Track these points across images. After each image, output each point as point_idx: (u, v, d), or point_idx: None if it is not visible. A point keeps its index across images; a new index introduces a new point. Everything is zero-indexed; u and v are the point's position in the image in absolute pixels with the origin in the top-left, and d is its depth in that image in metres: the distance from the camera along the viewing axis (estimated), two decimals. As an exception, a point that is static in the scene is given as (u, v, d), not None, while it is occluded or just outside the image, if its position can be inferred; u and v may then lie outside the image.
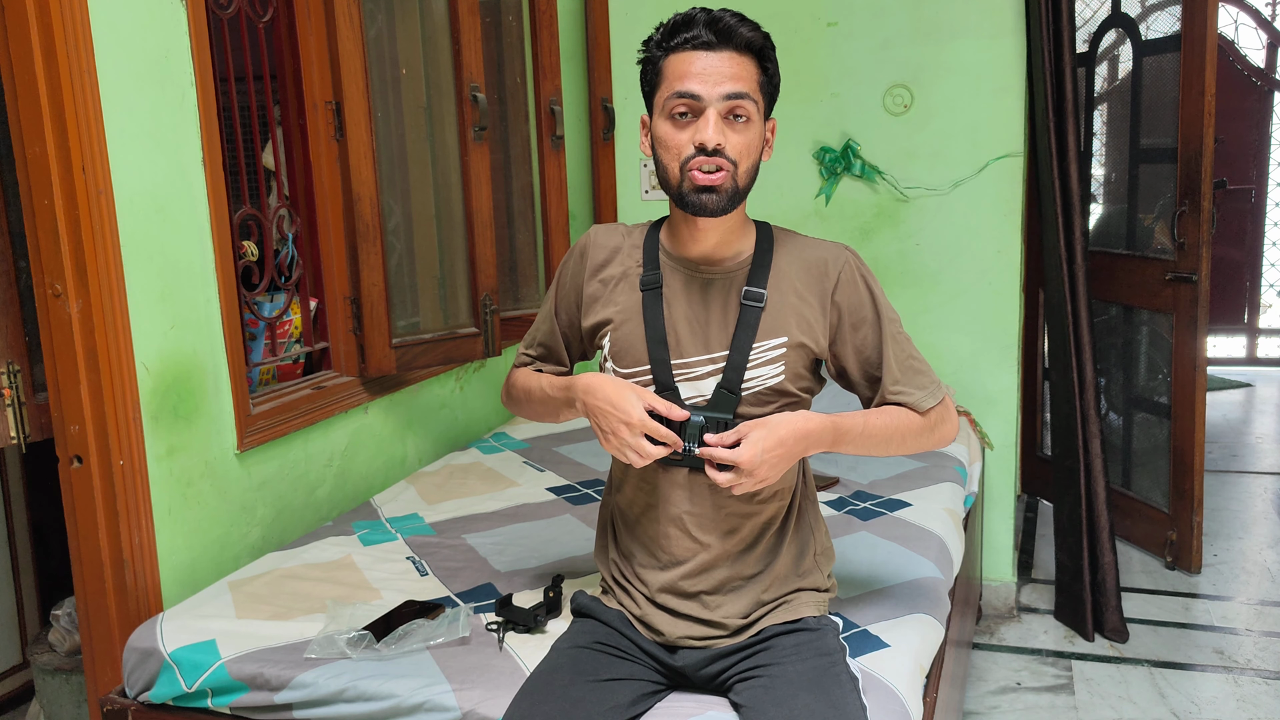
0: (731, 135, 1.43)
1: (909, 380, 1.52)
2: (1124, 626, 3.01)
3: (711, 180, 1.42)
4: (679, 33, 1.43)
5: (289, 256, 2.44)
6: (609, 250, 1.59)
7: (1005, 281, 3.05)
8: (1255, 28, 6.05)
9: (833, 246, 1.55)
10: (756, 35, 1.44)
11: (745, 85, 1.42)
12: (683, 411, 1.44)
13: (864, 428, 1.50)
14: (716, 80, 1.41)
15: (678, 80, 1.43)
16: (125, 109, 1.79)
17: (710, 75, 1.41)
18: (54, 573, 2.80)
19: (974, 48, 2.98)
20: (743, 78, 1.42)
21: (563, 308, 1.64)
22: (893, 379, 1.51)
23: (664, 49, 1.45)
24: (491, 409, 3.15)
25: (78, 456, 1.79)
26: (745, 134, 1.44)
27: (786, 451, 1.42)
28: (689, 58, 1.42)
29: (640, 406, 1.43)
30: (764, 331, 1.49)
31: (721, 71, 1.41)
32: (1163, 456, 3.51)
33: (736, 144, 1.43)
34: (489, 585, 1.92)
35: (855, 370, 1.54)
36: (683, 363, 1.51)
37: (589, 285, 1.59)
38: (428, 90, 2.51)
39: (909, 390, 1.52)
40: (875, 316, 1.52)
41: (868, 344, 1.52)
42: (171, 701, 1.66)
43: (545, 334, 1.68)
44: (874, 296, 1.53)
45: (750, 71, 1.44)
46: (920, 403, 1.52)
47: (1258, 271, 6.32)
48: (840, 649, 1.52)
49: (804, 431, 1.43)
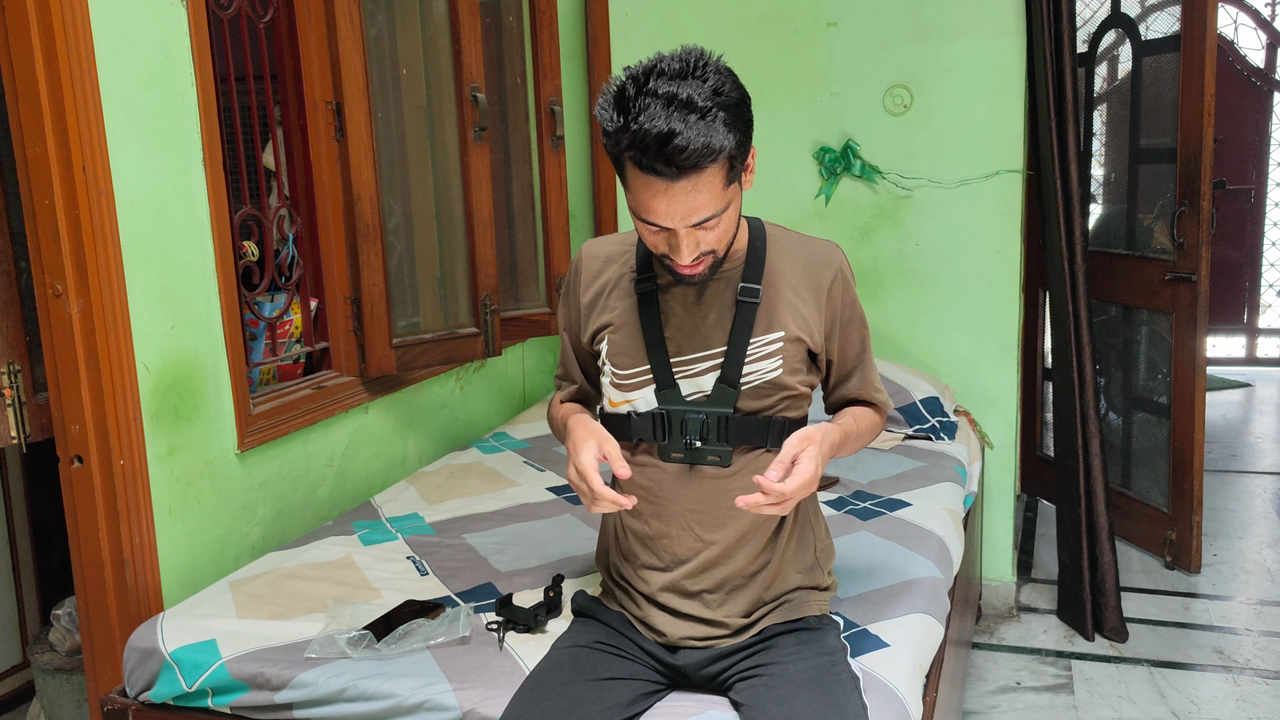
0: (705, 235, 1.38)
1: (877, 383, 1.63)
2: (1123, 626, 3.02)
3: (693, 271, 1.42)
4: (634, 147, 1.28)
5: (289, 256, 2.44)
6: (601, 260, 1.60)
7: (1005, 281, 3.05)
8: (1255, 28, 6.05)
9: (825, 244, 1.58)
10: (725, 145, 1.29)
11: (712, 206, 1.33)
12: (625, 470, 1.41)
13: (856, 434, 1.57)
14: (682, 215, 1.33)
15: (640, 206, 1.35)
16: (125, 109, 1.80)
17: (674, 212, 1.32)
18: (54, 573, 2.80)
19: (974, 48, 2.98)
20: (709, 200, 1.32)
21: (570, 325, 1.66)
22: (872, 374, 1.61)
23: (620, 149, 1.31)
24: (491, 409, 3.15)
25: (78, 456, 1.79)
26: (720, 227, 1.38)
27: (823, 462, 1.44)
28: (648, 188, 1.31)
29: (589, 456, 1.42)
30: (760, 326, 1.50)
31: (685, 206, 1.32)
32: (1162, 456, 3.51)
33: (712, 239, 1.39)
34: (489, 585, 1.92)
35: (836, 364, 1.60)
36: (681, 360, 1.51)
37: (585, 296, 1.60)
38: (428, 90, 2.51)
39: (879, 388, 1.63)
40: (859, 317, 1.59)
41: (850, 341, 1.58)
42: (172, 701, 1.66)
43: (564, 354, 1.70)
44: (855, 296, 1.59)
45: (715, 180, 1.32)
46: (887, 402, 1.64)
47: (1257, 271, 6.32)
48: (842, 648, 1.52)
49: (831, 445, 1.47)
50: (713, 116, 1.27)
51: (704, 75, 1.30)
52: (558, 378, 1.74)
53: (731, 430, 1.50)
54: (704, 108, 1.27)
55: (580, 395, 1.71)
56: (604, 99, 1.33)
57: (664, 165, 1.28)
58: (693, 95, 1.27)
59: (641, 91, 1.28)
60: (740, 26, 3.13)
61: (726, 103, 1.30)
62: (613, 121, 1.30)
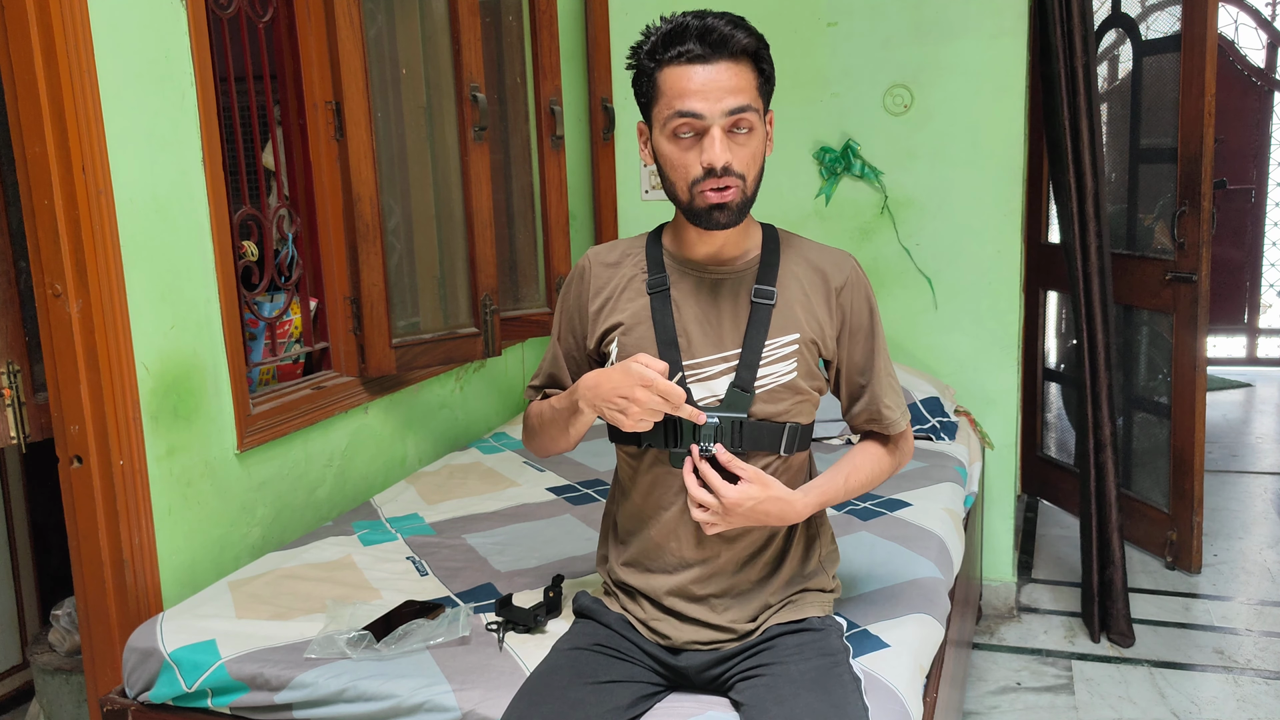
0: (737, 149, 1.41)
1: (891, 398, 1.57)
2: (1130, 630, 2.99)
3: (723, 198, 1.42)
4: (671, 45, 1.39)
5: (289, 256, 2.44)
6: (609, 266, 1.58)
7: (1005, 281, 3.05)
8: (1255, 28, 6.05)
9: (838, 252, 1.58)
10: (751, 39, 1.41)
11: (746, 96, 1.40)
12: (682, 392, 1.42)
13: (845, 491, 1.55)
14: (717, 96, 1.38)
15: (676, 98, 1.40)
16: (125, 109, 1.80)
17: (710, 91, 1.38)
18: (54, 573, 2.80)
19: (974, 47, 2.98)
20: (742, 89, 1.40)
21: (566, 332, 1.63)
22: (881, 389, 1.56)
23: (656, 61, 1.42)
24: (491, 409, 3.15)
25: (78, 456, 1.79)
26: (750, 145, 1.43)
27: (764, 516, 1.45)
28: (684, 73, 1.39)
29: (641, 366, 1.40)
30: (776, 329, 1.49)
31: (721, 85, 1.38)
32: (1163, 456, 3.51)
33: (743, 157, 1.42)
34: (489, 585, 1.92)
35: (844, 375, 1.57)
36: (694, 363, 1.50)
37: (593, 303, 1.58)
38: (428, 90, 2.51)
39: (891, 406, 1.57)
40: (871, 327, 1.56)
41: (860, 351, 1.55)
42: (171, 701, 1.66)
43: (549, 363, 1.66)
44: (872, 308, 1.57)
45: (748, 79, 1.41)
46: (896, 422, 1.57)
47: (1258, 271, 6.32)
48: (844, 650, 1.52)
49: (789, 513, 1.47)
50: (743, 27, 1.41)
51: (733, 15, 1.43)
52: (533, 387, 1.68)
53: (745, 436, 1.48)
54: (737, 20, 1.42)
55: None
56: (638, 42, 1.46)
57: (700, 44, 1.38)
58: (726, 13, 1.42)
59: (677, 16, 1.42)
60: (740, 26, 3.13)
61: (753, 30, 1.43)
62: (650, 40, 1.43)
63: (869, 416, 1.58)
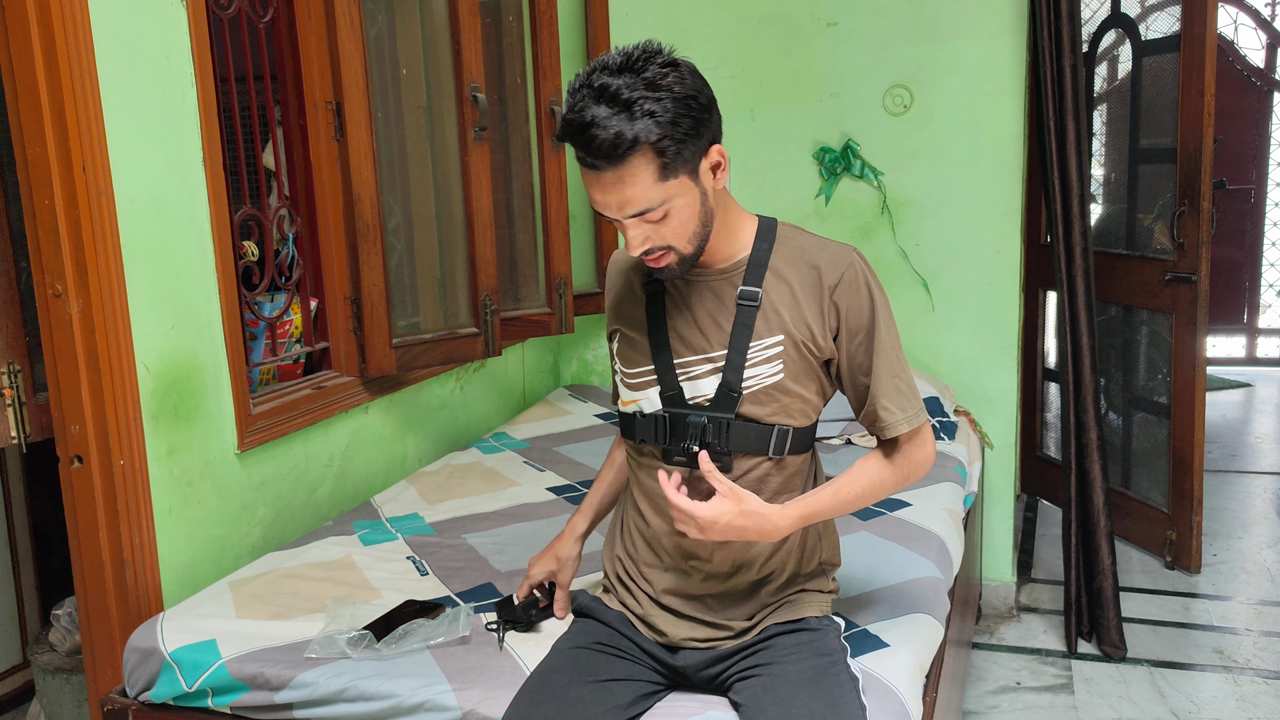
0: (656, 228, 1.38)
1: (891, 398, 1.49)
2: (1122, 641, 2.95)
3: (658, 264, 1.43)
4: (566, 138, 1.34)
5: (289, 256, 2.44)
6: (621, 272, 1.62)
7: (1005, 281, 3.05)
8: (1255, 28, 6.05)
9: (839, 247, 1.51)
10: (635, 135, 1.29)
11: (642, 201, 1.33)
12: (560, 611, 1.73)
13: (836, 505, 1.49)
14: (617, 205, 1.34)
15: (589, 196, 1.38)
16: (125, 109, 1.80)
17: (608, 201, 1.34)
18: (54, 572, 2.80)
19: (974, 48, 2.98)
20: (637, 196, 1.33)
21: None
22: (881, 389, 1.48)
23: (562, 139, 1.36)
24: (491, 409, 3.15)
25: (78, 456, 1.79)
26: (670, 223, 1.38)
27: (741, 531, 1.42)
28: (585, 175, 1.35)
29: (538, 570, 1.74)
30: (760, 330, 1.48)
31: (616, 196, 1.33)
32: (1162, 456, 3.51)
33: (665, 233, 1.39)
34: (489, 585, 1.92)
35: (846, 375, 1.51)
36: (684, 363, 1.51)
37: (610, 310, 1.63)
38: (428, 90, 2.51)
39: (890, 408, 1.48)
40: (872, 324, 1.48)
41: (860, 350, 1.49)
42: (172, 701, 1.66)
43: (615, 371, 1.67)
44: (874, 304, 1.49)
45: (644, 176, 1.32)
46: (895, 425, 1.49)
47: (1257, 271, 6.32)
48: (841, 649, 1.52)
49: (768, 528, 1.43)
50: (637, 108, 1.29)
51: (644, 69, 1.31)
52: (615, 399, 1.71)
53: (732, 436, 1.48)
54: (628, 99, 1.29)
55: None
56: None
57: (585, 154, 1.32)
58: (621, 87, 1.29)
59: (582, 85, 1.33)
60: (740, 26, 3.13)
61: (662, 96, 1.30)
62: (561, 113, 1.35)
63: (870, 419, 1.52)
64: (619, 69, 1.32)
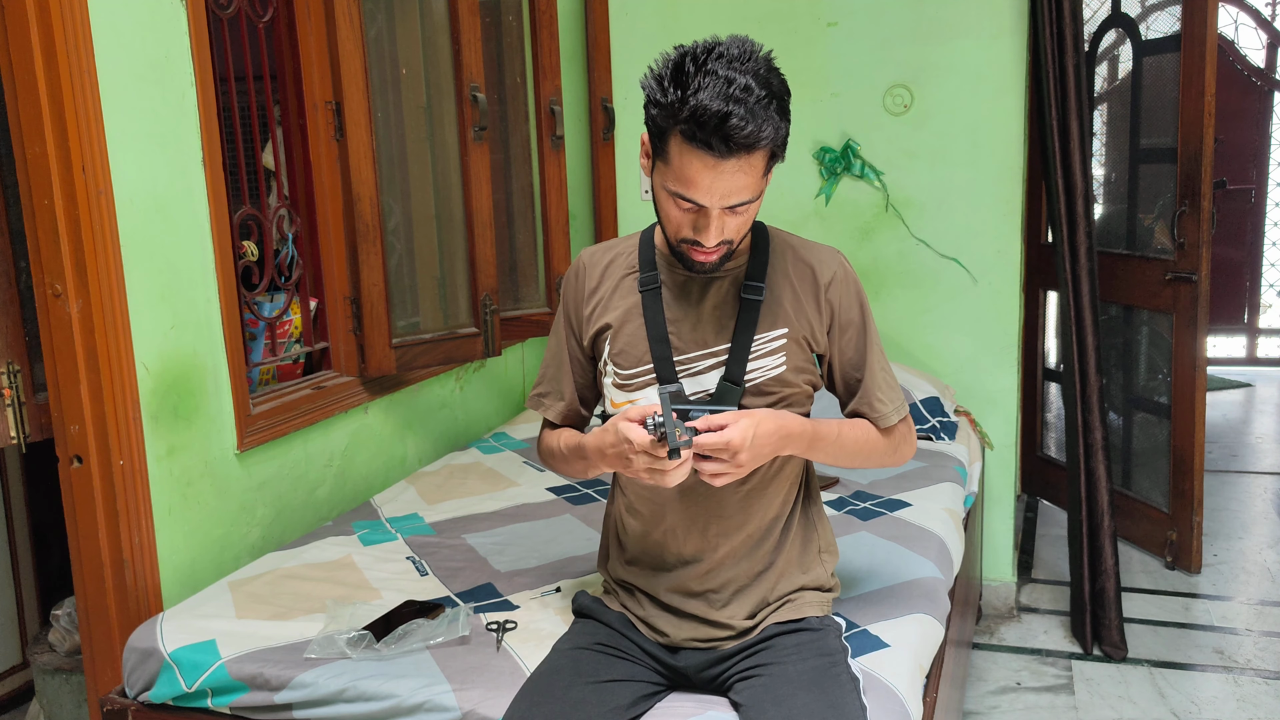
0: (731, 220, 1.39)
1: (884, 391, 1.57)
2: (1123, 641, 2.95)
3: (708, 258, 1.43)
4: (688, 121, 1.30)
5: (289, 256, 2.44)
6: (602, 265, 1.60)
7: (1005, 281, 3.05)
8: (1255, 28, 6.05)
9: (826, 248, 1.59)
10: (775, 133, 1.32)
11: (750, 191, 1.36)
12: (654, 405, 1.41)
13: (838, 436, 1.53)
14: (722, 194, 1.34)
15: (681, 181, 1.35)
16: (125, 109, 1.80)
17: (715, 190, 1.34)
18: (54, 573, 2.80)
19: (974, 48, 2.98)
20: (748, 185, 1.35)
21: (568, 333, 1.64)
22: (874, 383, 1.56)
23: (670, 120, 1.33)
24: (491, 409, 3.15)
25: (78, 456, 1.79)
26: (745, 214, 1.40)
27: (768, 444, 1.42)
28: (693, 160, 1.32)
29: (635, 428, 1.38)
30: (764, 324, 1.51)
31: (726, 185, 1.33)
32: (1163, 456, 3.51)
33: (736, 226, 1.41)
34: (489, 585, 1.92)
35: (837, 370, 1.58)
36: (684, 358, 1.51)
37: (587, 304, 1.60)
38: (428, 90, 2.51)
39: (884, 400, 1.56)
40: (861, 321, 1.56)
41: (851, 346, 1.56)
42: (171, 701, 1.66)
43: (552, 368, 1.66)
44: (862, 303, 1.57)
45: (757, 168, 1.35)
46: (888, 416, 1.56)
47: (1258, 271, 6.32)
48: (842, 649, 1.52)
49: (785, 431, 1.44)
50: (767, 103, 1.30)
51: (758, 65, 1.32)
52: (537, 395, 1.68)
53: None
54: (760, 95, 1.30)
55: (569, 413, 1.66)
56: (655, 72, 1.35)
57: (719, 141, 1.29)
58: (751, 81, 1.29)
59: (701, 69, 1.30)
60: (740, 26, 3.12)
61: (777, 93, 1.33)
62: (667, 94, 1.32)
63: (861, 411, 1.58)
64: (738, 59, 1.31)
